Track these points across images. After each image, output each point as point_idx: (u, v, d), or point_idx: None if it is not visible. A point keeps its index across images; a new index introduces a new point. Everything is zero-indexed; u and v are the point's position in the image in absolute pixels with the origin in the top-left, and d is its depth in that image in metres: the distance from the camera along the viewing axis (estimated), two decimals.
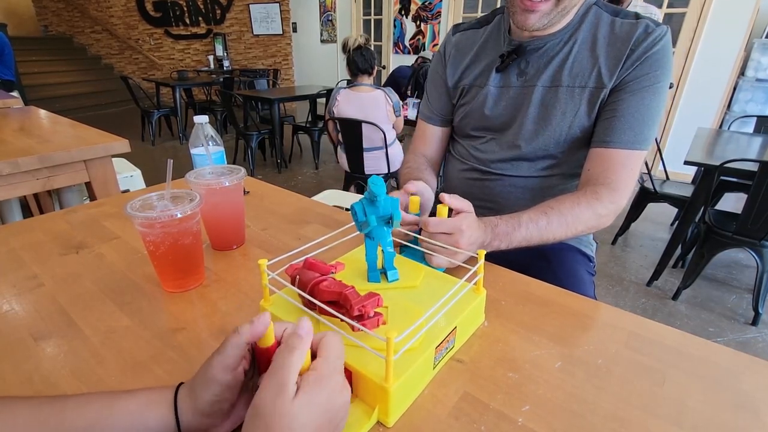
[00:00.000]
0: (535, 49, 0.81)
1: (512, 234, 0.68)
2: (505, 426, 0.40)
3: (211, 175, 0.69)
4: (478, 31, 0.92)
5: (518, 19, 0.75)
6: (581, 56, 0.79)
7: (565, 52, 0.80)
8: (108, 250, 0.73)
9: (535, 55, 0.82)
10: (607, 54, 0.76)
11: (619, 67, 0.75)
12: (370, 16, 6.19)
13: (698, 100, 3.45)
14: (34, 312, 0.57)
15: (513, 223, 0.69)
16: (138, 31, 7.35)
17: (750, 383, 0.46)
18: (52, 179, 1.29)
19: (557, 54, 0.80)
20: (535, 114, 0.83)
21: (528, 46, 0.81)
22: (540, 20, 0.73)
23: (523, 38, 0.82)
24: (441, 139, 1.01)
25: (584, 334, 0.53)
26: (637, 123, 0.75)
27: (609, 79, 0.76)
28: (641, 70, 0.74)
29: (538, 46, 0.81)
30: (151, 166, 3.75)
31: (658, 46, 0.73)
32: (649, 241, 2.60)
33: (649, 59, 0.73)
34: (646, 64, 0.74)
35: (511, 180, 0.89)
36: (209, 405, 0.34)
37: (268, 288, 0.50)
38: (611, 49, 0.76)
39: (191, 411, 0.34)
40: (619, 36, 0.76)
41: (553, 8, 0.72)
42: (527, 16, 0.73)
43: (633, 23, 0.76)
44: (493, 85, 0.87)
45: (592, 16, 0.79)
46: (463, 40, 0.93)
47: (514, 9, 0.74)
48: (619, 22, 0.77)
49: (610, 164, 0.77)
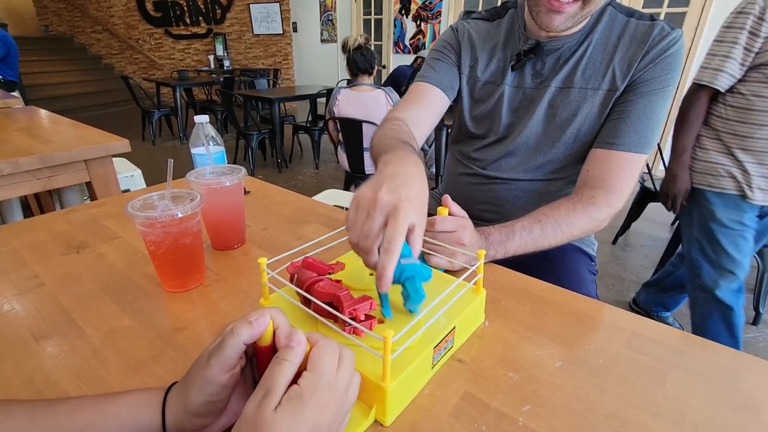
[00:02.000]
0: (552, 49, 0.80)
1: (506, 243, 0.68)
2: (506, 426, 0.40)
3: (211, 175, 0.69)
4: (490, 24, 0.89)
5: (543, 20, 0.72)
6: (595, 58, 0.78)
7: (579, 54, 0.79)
8: (109, 250, 0.73)
9: (552, 55, 0.80)
10: (622, 55, 0.75)
11: (633, 69, 0.74)
12: (371, 16, 6.18)
13: None
14: (35, 312, 0.57)
15: (506, 232, 0.69)
16: (138, 31, 7.36)
17: (751, 383, 0.46)
18: (53, 179, 1.29)
19: (572, 55, 0.79)
20: (543, 116, 0.82)
21: (545, 46, 0.79)
22: (565, 22, 0.72)
23: (540, 37, 0.80)
24: (438, 105, 0.88)
25: (585, 334, 0.53)
26: (642, 126, 0.74)
27: (622, 81, 0.75)
28: (653, 73, 0.73)
29: (555, 47, 0.79)
30: (152, 166, 3.75)
31: (672, 49, 0.72)
32: (649, 241, 2.60)
33: (662, 62, 0.72)
34: (659, 67, 0.73)
35: (517, 184, 0.87)
36: (203, 405, 0.34)
37: (268, 287, 0.50)
38: (626, 51, 0.75)
39: (182, 412, 0.34)
40: (634, 37, 0.75)
41: (579, 10, 0.70)
42: (553, 17, 0.71)
43: (649, 24, 0.75)
44: (509, 84, 0.85)
45: (607, 17, 0.78)
46: (477, 30, 0.89)
47: (539, 9, 0.72)
48: (635, 23, 0.76)
49: (611, 166, 0.76)
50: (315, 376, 0.32)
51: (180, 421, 0.34)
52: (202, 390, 0.34)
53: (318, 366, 0.32)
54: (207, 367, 0.34)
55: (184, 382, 0.35)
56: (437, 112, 0.89)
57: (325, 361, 0.33)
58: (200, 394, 0.34)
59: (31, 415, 0.33)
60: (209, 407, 0.34)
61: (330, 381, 0.32)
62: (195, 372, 0.35)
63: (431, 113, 0.87)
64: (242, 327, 0.33)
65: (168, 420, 0.34)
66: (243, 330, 0.33)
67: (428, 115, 0.87)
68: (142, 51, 7.46)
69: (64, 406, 0.34)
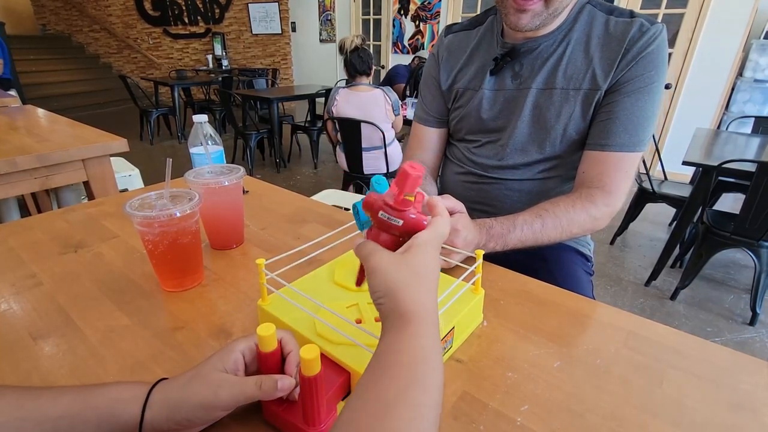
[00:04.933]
0: (528, 51, 0.80)
1: (507, 236, 0.69)
2: (504, 425, 0.40)
3: (210, 175, 0.69)
4: (470, 33, 0.91)
5: (511, 20, 0.74)
6: (575, 57, 0.78)
7: (559, 53, 0.79)
8: (107, 250, 0.73)
9: (530, 57, 0.81)
10: (602, 55, 0.75)
11: (614, 68, 0.74)
12: (369, 16, 6.18)
13: (696, 101, 3.46)
14: (32, 311, 0.56)
15: (508, 225, 0.69)
16: (136, 30, 7.34)
17: (747, 383, 0.46)
18: (50, 178, 1.28)
19: (551, 55, 0.79)
20: (529, 117, 0.82)
21: (521, 48, 0.80)
22: (532, 20, 0.72)
23: (516, 40, 0.81)
24: (438, 141, 0.99)
25: (583, 334, 0.54)
26: (632, 125, 0.74)
27: (604, 80, 0.75)
28: (636, 71, 0.73)
29: (531, 48, 0.80)
30: (150, 166, 3.75)
31: (652, 45, 0.72)
32: (647, 241, 2.61)
33: (643, 59, 0.72)
34: (641, 65, 0.73)
35: (508, 183, 0.88)
36: (187, 421, 0.35)
37: (266, 288, 0.50)
38: (605, 50, 0.75)
39: (164, 418, 0.34)
40: (613, 36, 0.75)
41: (543, 9, 0.71)
42: (519, 16, 0.72)
43: (627, 22, 0.74)
44: (488, 88, 0.86)
45: (586, 15, 0.78)
46: (455, 42, 0.93)
47: (507, 10, 0.74)
48: (614, 21, 0.76)
49: (605, 167, 0.76)
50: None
51: (159, 423, 0.34)
52: (195, 415, 0.35)
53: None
54: (212, 408, 0.35)
55: (179, 396, 0.35)
56: (440, 146, 1.00)
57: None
58: (190, 414, 0.34)
59: (18, 396, 0.33)
60: (193, 423, 0.35)
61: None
62: (194, 397, 0.35)
63: (434, 150, 1.00)
64: (266, 383, 0.35)
65: (147, 418, 0.34)
66: (268, 385, 0.35)
67: (432, 154, 1.00)
68: (140, 50, 7.44)
69: (49, 393, 0.34)
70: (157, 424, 0.34)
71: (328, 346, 0.43)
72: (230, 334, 0.53)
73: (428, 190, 0.88)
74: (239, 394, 0.35)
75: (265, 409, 0.39)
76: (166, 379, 0.37)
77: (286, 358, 0.39)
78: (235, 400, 0.35)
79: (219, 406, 0.35)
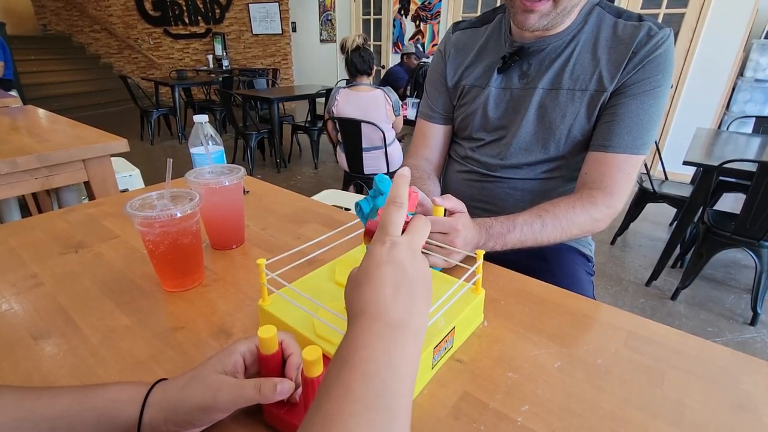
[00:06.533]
0: (537, 50, 0.81)
1: (507, 235, 0.69)
2: (505, 426, 0.40)
3: (210, 175, 0.69)
4: (478, 30, 0.92)
5: (519, 20, 0.74)
6: (583, 58, 0.78)
7: (566, 54, 0.79)
8: (107, 250, 0.73)
9: (538, 56, 0.81)
10: (609, 57, 0.76)
11: (621, 71, 0.74)
12: (370, 16, 6.18)
13: (697, 101, 3.46)
14: (33, 311, 0.56)
15: (508, 224, 0.69)
16: (137, 31, 7.35)
17: (748, 383, 0.46)
18: (51, 178, 1.28)
19: (559, 56, 0.80)
20: (534, 116, 0.83)
21: (530, 48, 0.81)
22: (540, 21, 0.73)
23: (524, 39, 0.81)
24: (443, 138, 0.99)
25: (583, 334, 0.54)
26: (636, 127, 0.74)
27: (610, 82, 0.75)
28: (643, 74, 0.73)
29: (540, 48, 0.80)
30: (150, 166, 3.75)
31: (660, 49, 0.72)
32: (648, 241, 2.61)
33: (650, 63, 0.73)
34: (648, 68, 0.73)
35: (511, 182, 0.88)
36: (186, 423, 0.35)
37: (267, 288, 0.50)
38: (613, 52, 0.75)
39: (163, 419, 0.34)
40: (621, 38, 0.75)
41: (551, 9, 0.71)
42: (527, 16, 0.72)
43: (636, 25, 0.75)
44: (495, 86, 0.86)
45: (595, 17, 0.78)
46: (463, 39, 0.93)
47: (515, 10, 0.74)
48: (622, 24, 0.76)
49: (608, 168, 0.76)
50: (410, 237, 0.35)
51: (157, 425, 0.34)
52: (194, 417, 0.35)
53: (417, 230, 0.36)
54: (211, 410, 0.35)
55: (177, 398, 0.35)
56: (445, 143, 1.00)
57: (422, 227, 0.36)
58: (189, 417, 0.34)
59: (17, 396, 0.33)
60: (193, 424, 0.35)
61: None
62: (195, 400, 0.35)
63: (439, 147, 1.00)
64: (266, 385, 0.35)
65: (145, 419, 0.34)
66: (267, 389, 0.35)
67: (436, 151, 1.00)
68: (140, 50, 7.45)
69: (48, 393, 0.34)
70: (155, 425, 0.34)
71: (329, 346, 0.43)
72: (230, 334, 0.53)
73: (430, 189, 0.88)
74: (238, 397, 0.34)
75: (266, 411, 0.39)
76: (165, 379, 0.37)
77: (286, 361, 0.39)
78: (233, 402, 0.35)
79: (217, 409, 0.35)
